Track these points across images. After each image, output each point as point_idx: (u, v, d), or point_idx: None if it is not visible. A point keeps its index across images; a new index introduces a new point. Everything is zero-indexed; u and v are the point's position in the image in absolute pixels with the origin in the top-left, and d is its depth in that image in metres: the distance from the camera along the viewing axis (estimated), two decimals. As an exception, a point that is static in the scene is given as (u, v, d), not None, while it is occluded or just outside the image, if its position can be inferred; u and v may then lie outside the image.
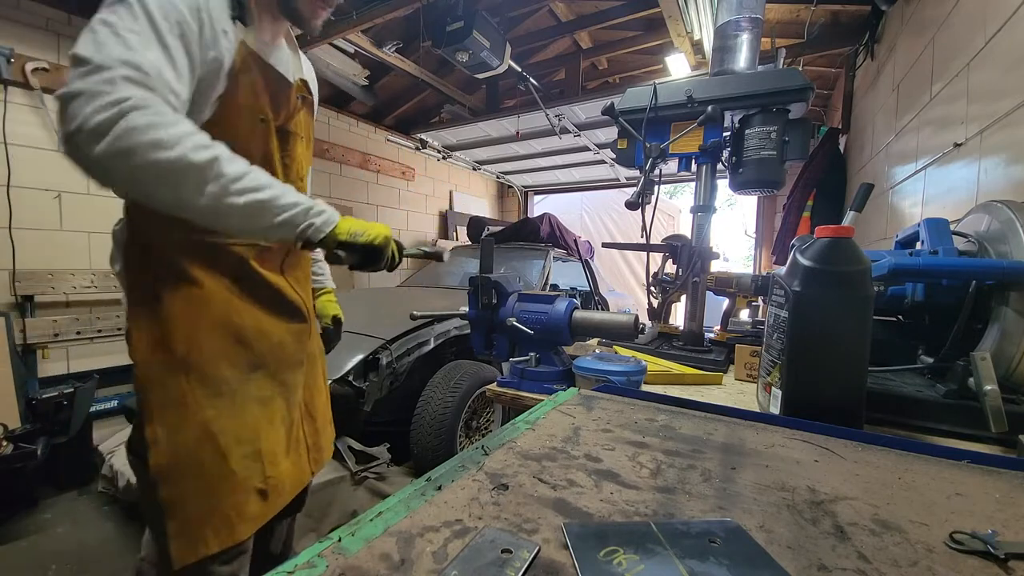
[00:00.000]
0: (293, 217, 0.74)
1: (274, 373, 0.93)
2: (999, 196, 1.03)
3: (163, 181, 0.65)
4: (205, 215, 0.70)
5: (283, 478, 0.92)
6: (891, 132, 2.21)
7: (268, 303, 0.93)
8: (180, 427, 0.80)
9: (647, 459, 0.53)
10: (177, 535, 0.79)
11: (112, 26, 0.65)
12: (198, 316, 0.83)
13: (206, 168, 0.66)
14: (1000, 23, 1.27)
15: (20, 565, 1.74)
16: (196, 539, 0.80)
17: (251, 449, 0.87)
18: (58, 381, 2.45)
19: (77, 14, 2.66)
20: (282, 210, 0.73)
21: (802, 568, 0.34)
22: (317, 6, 0.91)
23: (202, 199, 0.67)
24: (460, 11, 2.79)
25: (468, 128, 4.39)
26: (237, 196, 0.69)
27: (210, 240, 0.84)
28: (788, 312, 0.72)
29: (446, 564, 0.33)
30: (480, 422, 2.35)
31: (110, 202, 2.82)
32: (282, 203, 0.73)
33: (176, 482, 0.80)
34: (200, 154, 0.66)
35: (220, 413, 0.83)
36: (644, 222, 1.33)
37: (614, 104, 1.27)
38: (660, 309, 1.54)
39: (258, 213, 0.72)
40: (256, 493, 0.87)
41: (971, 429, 0.74)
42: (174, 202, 0.68)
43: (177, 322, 0.82)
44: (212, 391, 0.83)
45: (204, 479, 0.81)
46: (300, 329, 1.00)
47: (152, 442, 0.79)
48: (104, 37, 0.64)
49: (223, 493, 0.82)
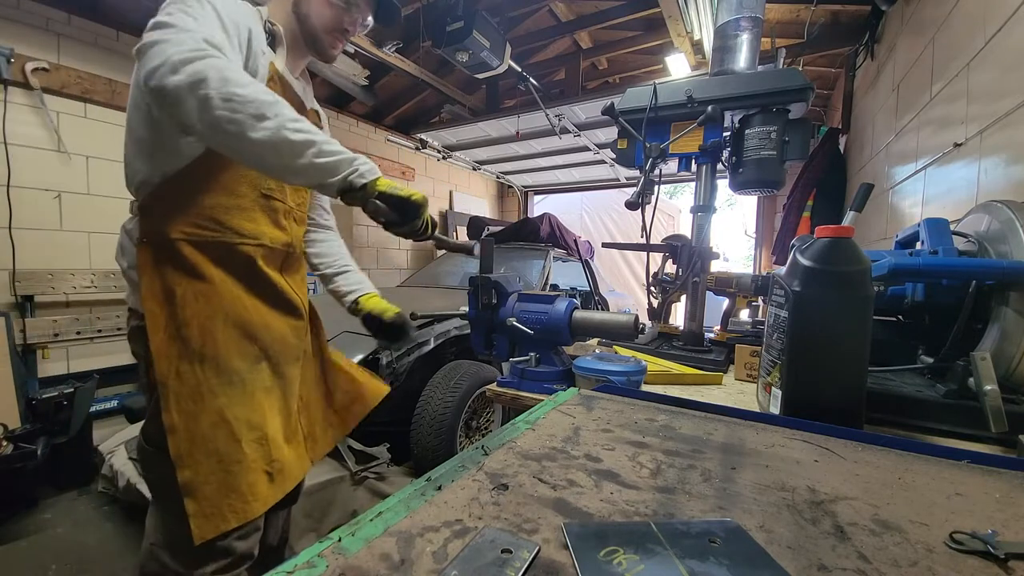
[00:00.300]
0: (339, 163, 0.76)
1: (276, 365, 0.98)
2: (999, 196, 1.03)
3: (228, 114, 0.70)
4: (262, 148, 0.73)
5: (286, 462, 0.97)
6: (891, 132, 2.21)
7: (271, 300, 0.99)
8: (197, 414, 0.86)
9: (647, 459, 0.53)
10: (197, 513, 0.84)
11: (186, 11, 0.76)
12: (211, 310, 0.88)
13: (270, 105, 0.72)
14: (1000, 23, 1.27)
15: (20, 565, 1.74)
16: (215, 516, 0.85)
17: (260, 434, 0.92)
18: (58, 381, 2.45)
19: (77, 14, 2.66)
20: (331, 154, 0.76)
21: (802, 568, 0.34)
22: (337, 39, 1.04)
23: (259, 132, 0.71)
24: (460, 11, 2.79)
25: (468, 128, 4.39)
26: (293, 133, 0.73)
27: (222, 239, 0.90)
28: (788, 312, 0.72)
29: (446, 564, 0.33)
30: (480, 422, 2.35)
31: (110, 202, 2.84)
32: (331, 148, 0.76)
33: (195, 465, 0.85)
34: (267, 95, 0.73)
35: (232, 401, 0.89)
36: (644, 222, 1.33)
37: (614, 104, 1.27)
38: (660, 309, 1.54)
39: (310, 152, 0.74)
40: (265, 475, 0.92)
41: (971, 429, 0.74)
42: (235, 134, 0.71)
43: (192, 315, 0.87)
44: (225, 380, 0.89)
45: (221, 462, 0.87)
46: (298, 325, 1.06)
47: (171, 429, 0.84)
48: (180, 15, 0.75)
49: (238, 474, 0.88)
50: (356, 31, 1.07)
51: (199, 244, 0.88)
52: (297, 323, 1.05)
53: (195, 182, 0.87)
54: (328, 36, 1.02)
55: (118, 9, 2.76)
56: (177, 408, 0.85)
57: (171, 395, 0.85)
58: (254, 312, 0.94)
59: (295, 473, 1.00)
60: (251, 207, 0.93)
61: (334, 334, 2.15)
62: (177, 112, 0.71)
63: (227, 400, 0.88)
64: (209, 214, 0.88)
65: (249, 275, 0.95)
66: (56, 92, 2.57)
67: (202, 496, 0.84)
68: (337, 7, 1.00)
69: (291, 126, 0.73)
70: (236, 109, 0.70)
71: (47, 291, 2.55)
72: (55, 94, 2.57)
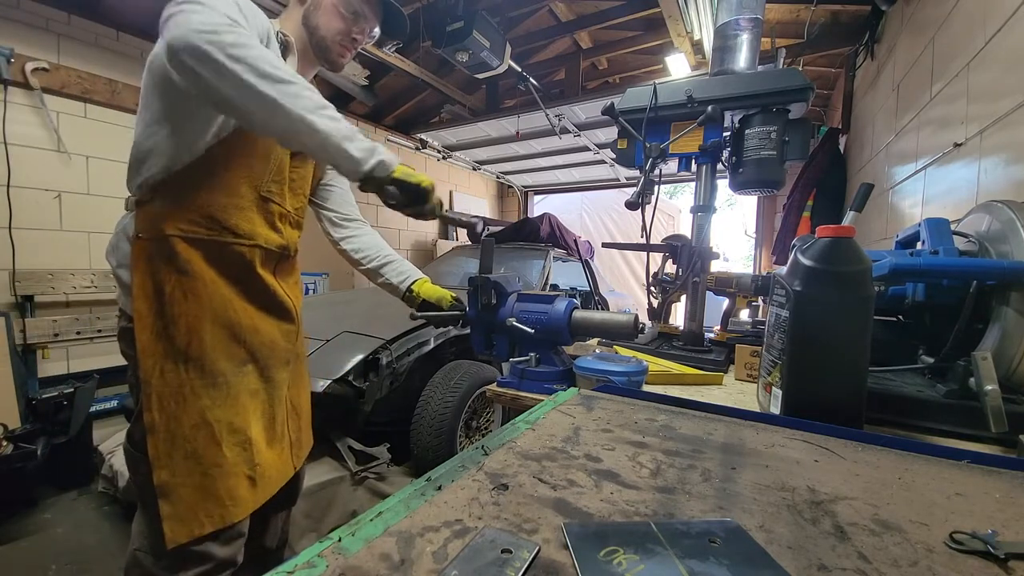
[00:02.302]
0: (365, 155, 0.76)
1: (263, 369, 0.98)
2: (999, 196, 1.02)
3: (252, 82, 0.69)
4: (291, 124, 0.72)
5: (268, 467, 0.97)
6: (891, 132, 2.21)
7: (263, 303, 0.99)
8: (178, 415, 0.85)
9: (647, 459, 0.53)
10: (170, 516, 0.83)
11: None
12: (200, 309, 0.88)
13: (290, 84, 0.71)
14: (1000, 23, 1.27)
15: (20, 565, 1.74)
16: (190, 520, 0.84)
17: (243, 438, 0.92)
18: (58, 381, 2.45)
19: (77, 14, 2.66)
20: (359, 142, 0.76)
21: (802, 568, 0.34)
22: (346, 49, 1.05)
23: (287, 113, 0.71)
24: (460, 11, 2.79)
25: (468, 128, 4.39)
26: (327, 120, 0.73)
27: (217, 238, 0.89)
28: (789, 312, 0.72)
29: (446, 564, 0.33)
30: (480, 422, 2.35)
31: (110, 202, 2.84)
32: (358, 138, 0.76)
33: (172, 466, 0.84)
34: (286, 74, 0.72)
35: (215, 403, 0.88)
36: (644, 222, 1.33)
37: (614, 104, 1.27)
38: (660, 309, 1.54)
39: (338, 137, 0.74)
40: (246, 479, 0.91)
41: (971, 429, 0.74)
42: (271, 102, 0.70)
43: (180, 314, 0.86)
44: (209, 381, 0.88)
45: (199, 464, 0.86)
46: (290, 329, 1.06)
47: (151, 429, 0.83)
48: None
49: (216, 477, 0.87)
50: (364, 41, 1.08)
51: (193, 241, 0.87)
52: (289, 327, 1.05)
53: (196, 180, 0.87)
54: (337, 46, 1.03)
55: (118, 9, 2.76)
56: (159, 408, 0.84)
57: (153, 394, 0.84)
58: (243, 314, 0.94)
59: (276, 478, 1.00)
60: (248, 207, 0.93)
61: (334, 334, 2.15)
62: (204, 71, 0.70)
63: (210, 402, 0.87)
64: (206, 212, 0.88)
65: (242, 276, 0.94)
66: (56, 92, 2.57)
67: (177, 498, 0.84)
68: (346, 18, 1.02)
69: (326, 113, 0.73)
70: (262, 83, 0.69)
71: (47, 291, 2.55)
72: (55, 94, 2.57)
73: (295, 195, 1.06)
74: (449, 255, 4.18)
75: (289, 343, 1.05)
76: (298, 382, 1.14)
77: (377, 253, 1.28)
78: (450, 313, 1.20)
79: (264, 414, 0.99)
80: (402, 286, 1.26)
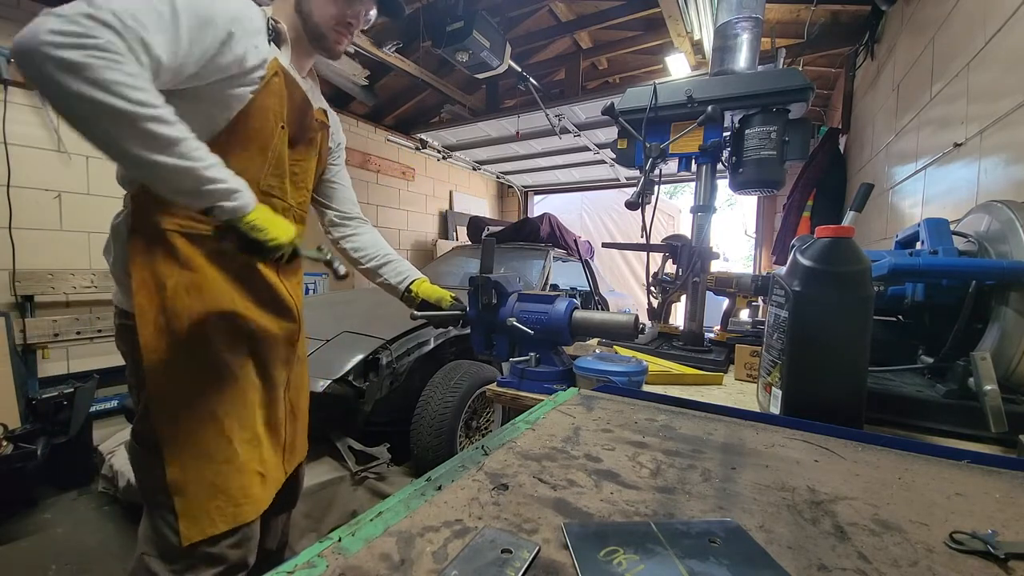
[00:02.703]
0: (213, 192, 0.72)
1: (263, 367, 0.97)
2: (999, 196, 1.02)
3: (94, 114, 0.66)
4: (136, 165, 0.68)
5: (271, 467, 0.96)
6: (891, 132, 2.21)
7: (265, 301, 0.97)
8: (185, 410, 0.84)
9: (647, 459, 0.53)
10: (184, 514, 0.82)
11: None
12: (202, 304, 0.86)
13: (141, 119, 0.66)
14: (1000, 23, 1.27)
15: (20, 565, 1.74)
16: (203, 519, 0.83)
17: (251, 434, 0.91)
18: (58, 381, 2.45)
19: (77, 14, 2.66)
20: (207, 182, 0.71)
21: (802, 568, 0.34)
22: (341, 35, 1.02)
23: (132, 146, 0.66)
24: (460, 11, 2.79)
25: (468, 128, 4.39)
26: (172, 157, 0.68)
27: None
28: (788, 312, 0.72)
29: (446, 564, 0.33)
30: (480, 422, 2.35)
31: (109, 202, 2.83)
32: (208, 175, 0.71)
33: (183, 463, 0.83)
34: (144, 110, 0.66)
35: (223, 398, 0.87)
36: (644, 222, 1.33)
37: (614, 104, 1.27)
38: (660, 309, 1.54)
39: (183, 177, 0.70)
40: (258, 476, 0.91)
41: (971, 429, 0.74)
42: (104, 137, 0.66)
43: (183, 308, 0.85)
44: (215, 376, 0.87)
45: (211, 461, 0.85)
46: (291, 328, 1.04)
47: (159, 425, 0.82)
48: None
49: (228, 474, 0.86)
50: (360, 24, 1.04)
51: (192, 237, 0.86)
52: (290, 326, 1.03)
53: None
54: (332, 32, 1.00)
55: (118, 9, 2.76)
56: (167, 404, 0.83)
57: (159, 390, 0.83)
58: (245, 311, 0.92)
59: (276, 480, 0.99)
60: None
61: (334, 334, 2.15)
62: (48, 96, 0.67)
63: (218, 397, 0.87)
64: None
65: (243, 273, 0.93)
66: (56, 92, 2.57)
67: (190, 497, 0.82)
68: (339, 2, 0.98)
69: (177, 150, 0.68)
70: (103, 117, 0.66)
71: (47, 291, 2.55)
72: (55, 94, 2.57)
73: (297, 189, 1.03)
74: (449, 255, 4.18)
75: (289, 343, 1.04)
76: (298, 384, 1.12)
77: (377, 252, 1.27)
78: (450, 313, 1.19)
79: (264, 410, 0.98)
80: (400, 286, 1.25)
